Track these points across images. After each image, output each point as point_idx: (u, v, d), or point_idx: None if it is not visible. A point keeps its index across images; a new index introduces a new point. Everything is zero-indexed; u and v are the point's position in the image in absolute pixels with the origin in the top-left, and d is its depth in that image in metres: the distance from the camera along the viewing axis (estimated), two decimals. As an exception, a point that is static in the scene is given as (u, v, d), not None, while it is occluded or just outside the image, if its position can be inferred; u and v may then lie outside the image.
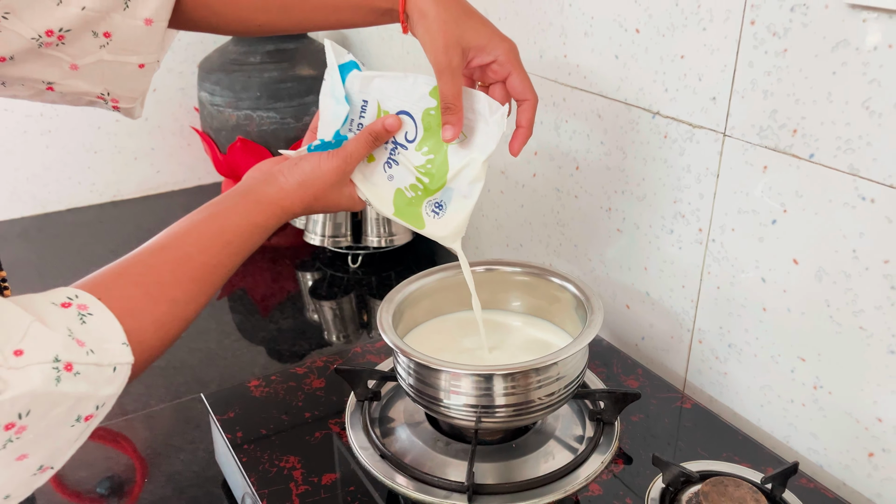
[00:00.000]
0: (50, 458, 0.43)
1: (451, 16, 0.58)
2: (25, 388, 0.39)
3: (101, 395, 0.43)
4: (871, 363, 0.62)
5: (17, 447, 0.40)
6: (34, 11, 0.55)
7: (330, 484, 0.62)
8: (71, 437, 0.43)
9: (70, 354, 0.41)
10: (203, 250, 0.53)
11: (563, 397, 0.62)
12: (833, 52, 0.58)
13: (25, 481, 0.42)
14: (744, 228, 0.70)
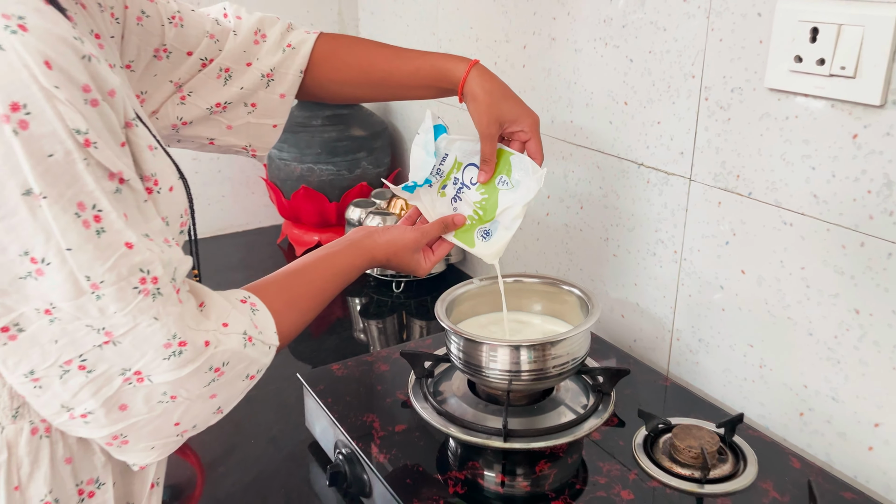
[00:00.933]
0: (225, 403, 0.62)
1: (494, 99, 0.82)
2: (229, 346, 0.60)
3: (261, 363, 0.64)
4: (796, 344, 0.84)
5: (214, 388, 0.60)
6: (209, 90, 0.80)
7: (401, 431, 0.85)
8: (241, 389, 0.64)
9: (251, 331, 0.62)
10: (322, 279, 0.74)
11: (571, 368, 0.84)
12: (760, 121, 0.83)
13: (207, 418, 0.62)
14: (706, 249, 0.93)
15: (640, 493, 0.75)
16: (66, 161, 0.49)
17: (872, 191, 0.74)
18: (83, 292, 0.52)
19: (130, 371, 0.55)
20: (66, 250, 0.50)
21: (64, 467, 0.60)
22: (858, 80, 0.72)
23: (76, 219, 0.50)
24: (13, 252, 0.50)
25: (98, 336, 0.53)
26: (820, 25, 0.74)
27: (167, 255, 0.56)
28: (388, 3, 1.56)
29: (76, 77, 0.49)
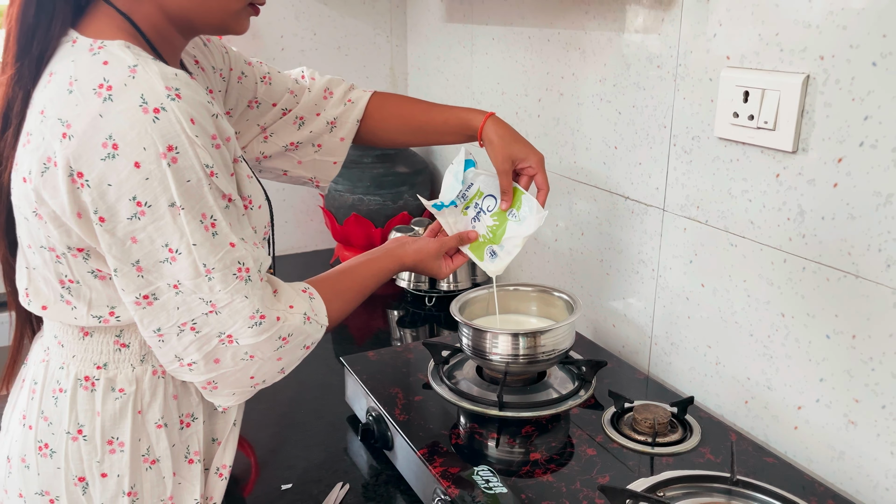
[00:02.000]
0: (287, 365, 0.84)
1: (506, 141, 1.05)
2: (293, 322, 0.82)
3: (315, 337, 0.86)
4: (741, 343, 1.03)
5: (281, 352, 0.82)
6: (286, 133, 1.06)
7: (419, 401, 1.07)
8: (299, 356, 0.86)
9: (309, 313, 0.85)
10: (363, 278, 0.96)
11: (556, 355, 1.05)
12: (712, 163, 1.04)
13: (274, 375, 0.84)
14: (676, 267, 1.14)
15: (601, 452, 0.95)
16: (197, 185, 0.73)
17: (791, 218, 0.94)
18: (200, 275, 0.74)
19: (224, 334, 0.77)
20: (192, 245, 0.73)
21: (171, 402, 0.84)
22: (777, 131, 0.93)
23: (200, 224, 0.74)
24: (158, 244, 0.74)
25: (206, 306, 0.76)
26: (750, 90, 0.95)
27: (256, 254, 0.79)
28: (431, 61, 1.82)
29: (208, 129, 0.73)
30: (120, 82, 0.71)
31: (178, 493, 0.85)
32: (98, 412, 0.81)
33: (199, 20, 0.81)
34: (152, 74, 0.72)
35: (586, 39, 1.26)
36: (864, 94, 0.82)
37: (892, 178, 0.81)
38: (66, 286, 0.79)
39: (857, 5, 0.82)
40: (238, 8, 0.81)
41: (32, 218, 0.76)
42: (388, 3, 1.90)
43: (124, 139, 0.70)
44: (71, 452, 0.82)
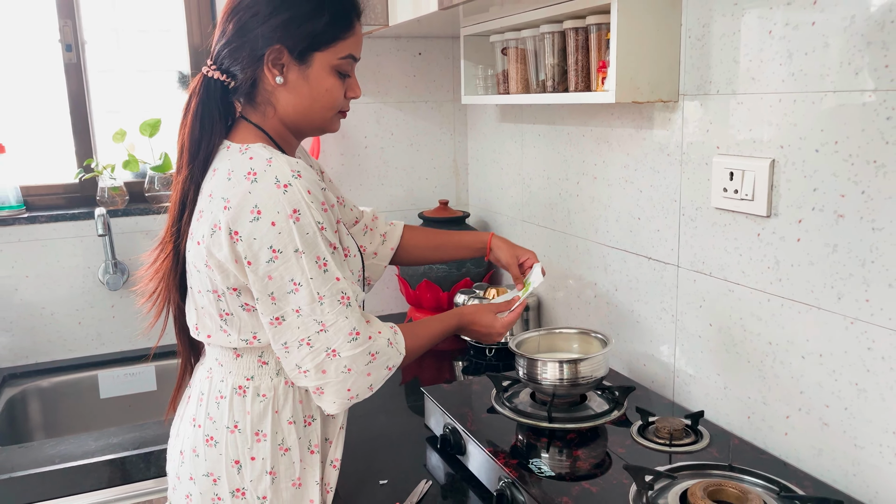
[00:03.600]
0: (374, 382, 1.08)
1: (509, 246, 1.41)
2: (380, 342, 1.09)
3: (395, 360, 1.10)
4: (742, 369, 1.30)
5: (370, 368, 1.07)
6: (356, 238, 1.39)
7: (485, 417, 1.35)
8: (383, 375, 1.09)
9: (392, 339, 1.09)
10: (432, 326, 1.22)
11: (594, 381, 1.33)
12: (712, 227, 1.34)
13: (364, 391, 1.08)
14: (689, 312, 1.42)
15: (629, 451, 1.22)
16: (313, 236, 1.02)
17: (770, 266, 1.22)
18: (314, 301, 1.03)
19: (330, 349, 1.04)
20: (310, 279, 1.02)
21: (298, 405, 1.15)
22: (755, 201, 1.22)
23: (315, 264, 1.03)
24: (286, 279, 1.03)
25: (318, 325, 1.04)
26: (734, 171, 1.26)
27: (354, 288, 1.07)
28: (487, 153, 2.18)
29: (319, 198, 1.04)
30: (261, 169, 1.03)
31: (304, 476, 1.15)
32: (248, 412, 1.12)
33: (306, 126, 1.15)
34: (282, 163, 1.04)
35: (613, 135, 1.59)
36: (812, 172, 1.12)
37: (835, 233, 1.10)
38: (224, 318, 1.11)
39: (803, 110, 1.13)
40: (331, 115, 1.15)
41: (203, 269, 1.09)
42: (452, 108, 2.28)
43: (265, 206, 1.01)
44: (229, 442, 1.12)
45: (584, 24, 1.44)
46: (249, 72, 1.08)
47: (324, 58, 1.09)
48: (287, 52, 1.07)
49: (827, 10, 1.07)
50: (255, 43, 1.06)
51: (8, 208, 1.88)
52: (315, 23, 1.07)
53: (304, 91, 1.10)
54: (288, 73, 1.08)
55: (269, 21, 1.06)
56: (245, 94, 1.11)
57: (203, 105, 1.10)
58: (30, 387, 1.86)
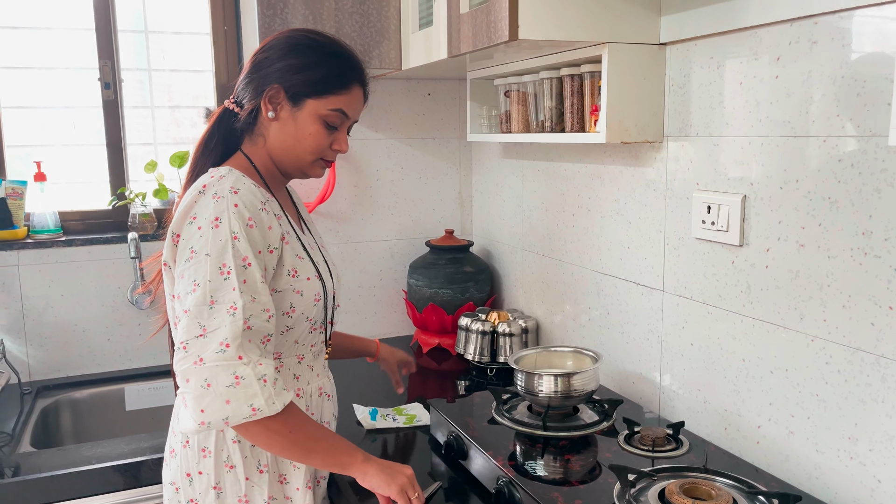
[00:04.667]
0: (232, 416, 1.03)
1: (391, 354, 1.65)
2: (250, 371, 1.04)
3: (261, 406, 1.04)
4: (719, 384, 1.43)
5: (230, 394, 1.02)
6: None
7: (485, 426, 1.48)
8: (242, 413, 1.03)
9: (270, 380, 1.06)
10: (325, 438, 1.14)
11: (585, 394, 1.46)
12: (692, 255, 1.48)
13: (218, 421, 1.03)
14: (673, 332, 1.55)
15: (615, 455, 1.35)
16: (224, 243, 1.07)
17: (743, 291, 1.36)
18: (205, 304, 1.05)
19: (199, 357, 1.03)
20: (208, 281, 1.06)
21: None
22: (729, 232, 1.37)
23: (218, 269, 1.07)
24: (189, 280, 1.07)
25: (199, 329, 1.05)
26: (711, 205, 1.40)
27: (254, 308, 1.07)
28: (490, 186, 2.34)
29: (245, 214, 1.10)
30: (210, 183, 1.13)
31: (251, 493, 1.22)
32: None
33: (288, 163, 1.24)
34: (229, 180, 1.13)
35: (605, 171, 1.74)
36: (777, 207, 1.27)
37: (797, 260, 1.24)
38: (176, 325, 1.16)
39: (769, 151, 1.28)
40: (312, 160, 1.23)
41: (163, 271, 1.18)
42: (458, 144, 2.45)
43: (199, 213, 1.10)
44: (183, 455, 1.23)
45: (579, 72, 1.61)
46: (253, 103, 1.22)
47: (314, 105, 1.20)
48: (283, 92, 1.20)
49: (788, 66, 1.23)
50: (261, 80, 1.21)
51: (47, 232, 2.04)
52: (313, 73, 1.20)
53: (291, 130, 1.21)
54: (280, 110, 1.21)
55: (276, 64, 1.20)
56: (247, 123, 1.24)
57: (214, 129, 1.26)
58: (62, 398, 1.99)
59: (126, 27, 2.18)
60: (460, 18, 1.58)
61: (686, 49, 1.45)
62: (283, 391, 1.09)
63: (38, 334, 2.04)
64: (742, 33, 1.31)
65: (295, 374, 1.28)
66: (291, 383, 1.27)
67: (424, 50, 1.83)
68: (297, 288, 1.19)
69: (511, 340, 2.01)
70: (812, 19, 1.18)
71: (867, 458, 1.15)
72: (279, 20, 1.85)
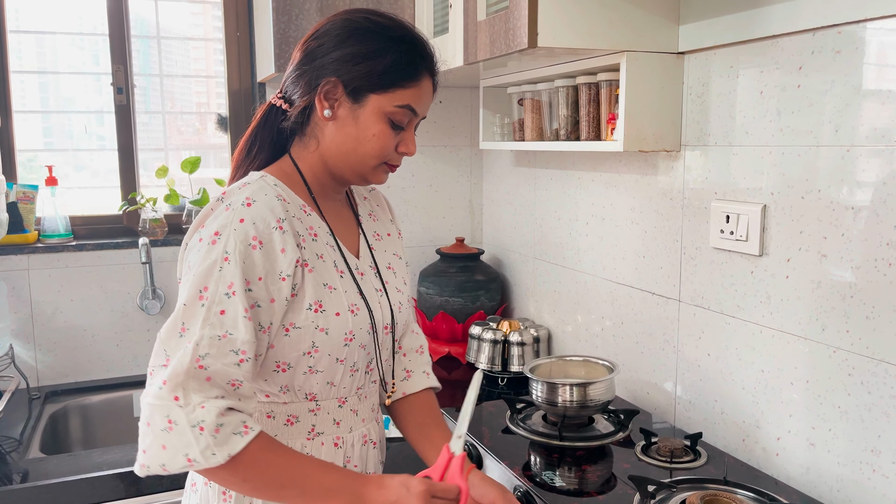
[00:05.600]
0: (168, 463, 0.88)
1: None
2: (183, 415, 0.87)
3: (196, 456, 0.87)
4: (737, 396, 1.42)
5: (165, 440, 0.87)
6: None
7: (500, 436, 1.47)
8: (177, 463, 0.88)
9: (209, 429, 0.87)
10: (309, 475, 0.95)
11: (600, 403, 1.45)
12: (710, 265, 1.47)
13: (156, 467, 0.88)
14: (689, 343, 1.54)
15: (633, 465, 1.34)
16: (211, 265, 0.93)
17: (762, 301, 1.35)
18: (176, 330, 0.92)
19: (151, 387, 0.90)
20: (183, 305, 0.93)
21: None
22: (749, 242, 1.36)
23: (197, 293, 0.92)
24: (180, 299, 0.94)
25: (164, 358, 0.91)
26: (730, 214, 1.40)
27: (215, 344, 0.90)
28: (502, 194, 2.33)
29: (250, 231, 0.94)
30: (230, 192, 1.01)
31: None
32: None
33: (346, 169, 1.06)
34: (248, 191, 0.99)
35: (620, 180, 1.74)
36: (798, 217, 1.26)
37: (818, 270, 1.23)
38: None
39: (790, 161, 1.27)
40: (374, 164, 1.05)
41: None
42: (469, 152, 2.44)
43: (208, 225, 0.97)
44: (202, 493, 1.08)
45: (595, 80, 1.60)
46: (305, 100, 1.04)
47: (378, 101, 1.02)
48: (342, 87, 1.02)
49: (810, 75, 1.22)
50: (315, 72, 1.03)
51: (57, 236, 2.03)
52: (376, 63, 1.01)
53: (351, 131, 1.03)
54: (338, 108, 1.03)
55: (332, 52, 1.02)
56: (298, 122, 1.07)
57: (259, 130, 1.09)
58: (70, 403, 1.98)
59: (137, 32, 2.18)
60: (477, 26, 1.58)
61: (705, 58, 1.44)
62: (233, 436, 0.90)
63: (46, 339, 2.03)
64: (763, 42, 1.31)
65: (335, 420, 1.09)
66: (331, 429, 1.09)
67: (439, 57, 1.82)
68: (321, 325, 1.01)
69: (523, 350, 2.00)
70: (835, 28, 1.17)
71: (891, 470, 1.13)
72: (294, 26, 1.85)
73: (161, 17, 2.22)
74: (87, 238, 2.10)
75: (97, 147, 2.19)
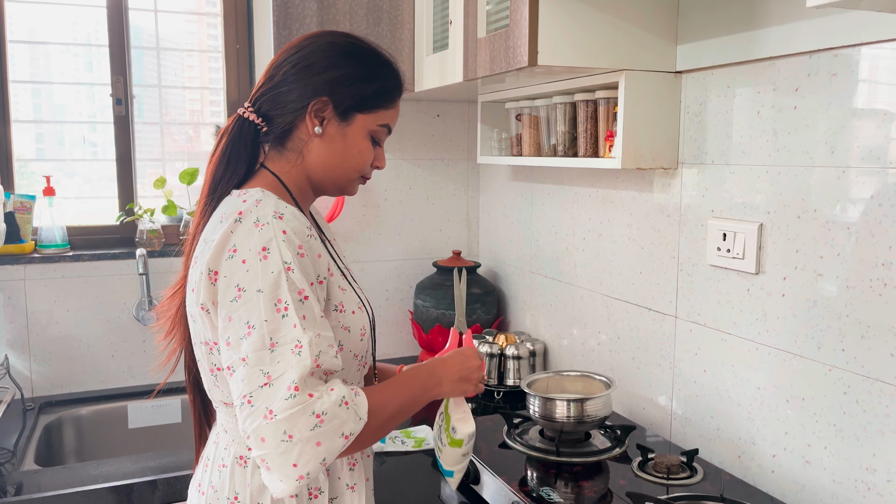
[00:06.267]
0: (328, 454, 0.91)
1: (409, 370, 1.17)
2: (328, 401, 0.91)
3: (352, 426, 0.93)
4: (732, 412, 1.43)
5: (318, 435, 0.89)
6: None
7: (498, 450, 1.47)
8: (339, 445, 0.91)
9: (348, 398, 0.94)
10: (405, 390, 1.07)
11: (597, 419, 1.46)
12: (706, 282, 1.48)
13: (316, 466, 0.90)
14: (686, 359, 1.55)
15: (630, 481, 1.34)
16: (277, 276, 0.94)
17: (758, 319, 1.36)
18: (265, 347, 0.92)
19: (268, 409, 0.89)
20: (264, 321, 0.92)
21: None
22: (745, 260, 1.37)
23: (274, 306, 0.93)
24: (242, 321, 0.93)
25: (263, 378, 0.91)
26: (727, 232, 1.41)
27: (318, 342, 0.94)
28: (498, 208, 2.34)
29: (295, 241, 0.97)
30: (247, 210, 0.99)
31: None
32: (248, 483, 1.05)
33: (329, 182, 1.13)
34: (269, 204, 1.00)
35: (617, 196, 1.75)
36: (794, 236, 1.27)
37: (814, 289, 1.24)
38: (214, 373, 1.05)
39: (786, 181, 1.29)
40: (355, 178, 1.14)
41: (197, 317, 1.02)
42: (466, 166, 2.45)
43: (241, 244, 0.97)
44: (210, 495, 1.07)
45: (593, 98, 1.62)
46: (289, 117, 1.08)
47: (364, 120, 1.10)
48: (332, 107, 1.07)
49: (807, 96, 1.24)
50: (303, 91, 1.07)
51: (54, 246, 2.03)
52: (366, 86, 1.09)
53: (339, 147, 1.10)
54: (327, 126, 1.08)
55: (322, 74, 1.07)
56: (276, 138, 1.10)
57: (232, 144, 1.10)
58: (65, 414, 1.97)
59: (136, 43, 2.19)
60: (477, 43, 1.59)
61: (702, 77, 1.46)
62: (357, 397, 0.98)
63: (41, 349, 2.02)
64: (760, 63, 1.33)
65: None
66: None
67: (439, 73, 1.84)
68: (345, 324, 1.07)
69: (519, 363, 2.01)
70: (832, 52, 1.19)
71: (885, 488, 1.14)
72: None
73: (155, 27, 2.22)
74: (84, 248, 2.10)
75: (91, 156, 2.19)
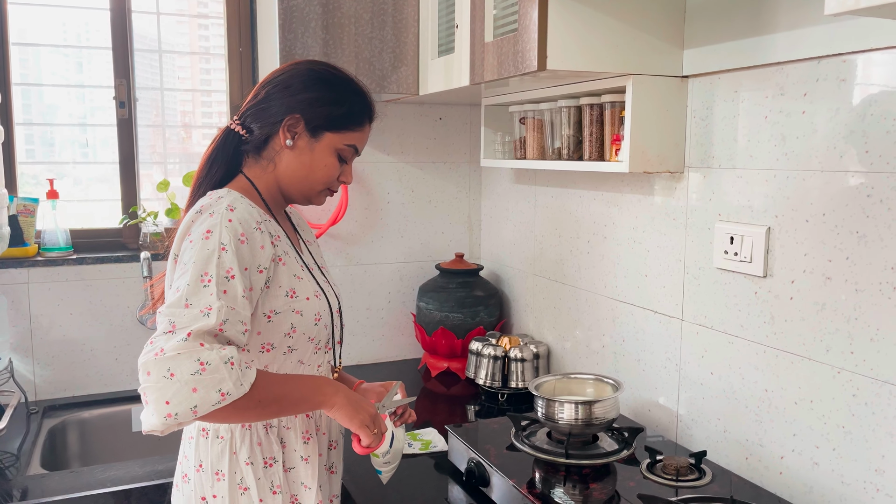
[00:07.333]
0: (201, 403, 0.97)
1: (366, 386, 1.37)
2: (215, 355, 0.99)
3: (231, 387, 0.99)
4: (739, 413, 1.44)
5: (196, 381, 0.96)
6: None
7: (506, 454, 1.48)
8: (212, 399, 0.98)
9: (237, 362, 1.01)
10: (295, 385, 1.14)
11: (605, 422, 1.46)
12: (713, 285, 1.49)
13: (186, 413, 0.96)
14: (692, 361, 1.56)
15: (639, 483, 1.35)
16: (210, 253, 1.07)
17: (766, 321, 1.37)
18: (180, 305, 1.03)
19: (160, 349, 0.98)
20: (187, 285, 1.04)
21: (255, 447, 1.21)
22: (752, 263, 1.38)
23: (199, 276, 1.05)
24: (174, 286, 1.07)
25: (169, 325, 1.01)
26: (734, 235, 1.42)
27: (228, 312, 1.04)
28: (501, 211, 2.35)
29: (237, 230, 1.10)
30: (209, 204, 1.15)
31: None
32: (209, 451, 1.20)
33: (295, 190, 1.27)
34: (227, 200, 1.15)
35: (622, 199, 1.76)
36: (803, 240, 1.29)
37: (822, 293, 1.25)
38: None
39: (794, 185, 1.30)
40: (320, 189, 1.28)
41: None
42: (468, 168, 2.46)
43: (195, 231, 1.12)
44: (196, 480, 1.22)
45: (599, 101, 1.63)
46: (266, 129, 1.23)
47: (332, 138, 1.24)
48: (303, 123, 1.23)
49: (815, 101, 1.25)
50: (279, 108, 1.22)
51: (57, 250, 2.02)
52: (334, 109, 1.24)
53: (306, 160, 1.24)
54: (298, 140, 1.23)
55: (298, 95, 1.23)
56: (255, 147, 1.25)
57: (218, 150, 1.26)
58: (69, 418, 1.96)
59: (140, 46, 2.18)
60: (485, 47, 1.60)
61: (709, 82, 1.47)
62: (247, 369, 1.05)
63: (45, 353, 2.02)
64: (768, 68, 1.34)
65: None
66: None
67: (444, 76, 1.85)
68: (297, 308, 1.20)
69: (523, 366, 2.02)
70: (840, 57, 1.20)
71: (894, 490, 1.16)
72: (300, 44, 1.87)
73: (151, 30, 2.22)
74: (87, 251, 2.09)
75: (86, 158, 2.18)
